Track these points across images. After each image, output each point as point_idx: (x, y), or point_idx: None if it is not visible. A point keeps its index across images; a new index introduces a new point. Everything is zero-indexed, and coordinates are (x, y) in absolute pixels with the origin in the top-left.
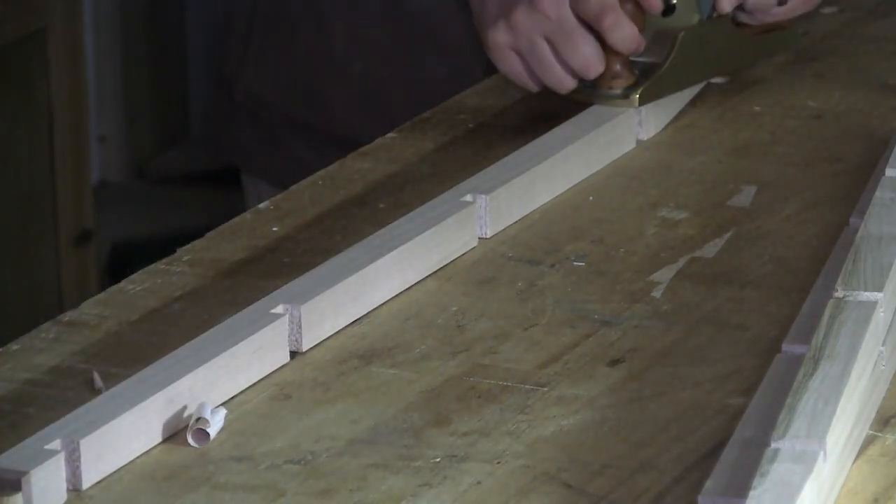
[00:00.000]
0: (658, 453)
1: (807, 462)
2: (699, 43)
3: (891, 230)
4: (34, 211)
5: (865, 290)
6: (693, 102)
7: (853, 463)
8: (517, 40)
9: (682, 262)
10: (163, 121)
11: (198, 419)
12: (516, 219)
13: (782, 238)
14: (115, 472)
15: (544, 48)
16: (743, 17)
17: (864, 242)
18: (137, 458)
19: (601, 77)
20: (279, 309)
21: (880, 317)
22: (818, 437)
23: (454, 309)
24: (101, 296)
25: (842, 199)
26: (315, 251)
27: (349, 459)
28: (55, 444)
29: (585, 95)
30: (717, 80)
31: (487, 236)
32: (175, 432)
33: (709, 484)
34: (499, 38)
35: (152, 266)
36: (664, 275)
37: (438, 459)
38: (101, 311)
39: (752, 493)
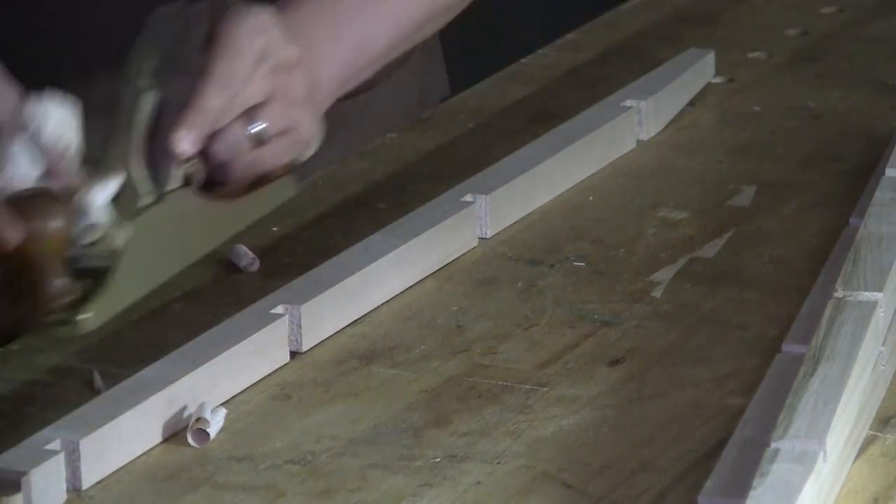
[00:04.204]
0: (658, 453)
1: (807, 462)
2: (157, 227)
3: (891, 230)
4: None
5: (865, 290)
6: (693, 102)
7: (853, 463)
8: None
9: (682, 262)
10: None
11: (198, 419)
12: (516, 219)
13: (782, 238)
14: (114, 472)
15: None
16: (220, 175)
17: (864, 242)
18: (137, 458)
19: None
20: (279, 309)
21: (880, 317)
22: (818, 437)
23: (454, 309)
24: None
25: (842, 199)
26: (315, 251)
27: (349, 459)
28: (55, 445)
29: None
30: (717, 79)
31: (487, 236)
32: (175, 432)
33: (709, 484)
34: None
35: None
36: (664, 275)
37: (438, 459)
38: None
39: (752, 493)
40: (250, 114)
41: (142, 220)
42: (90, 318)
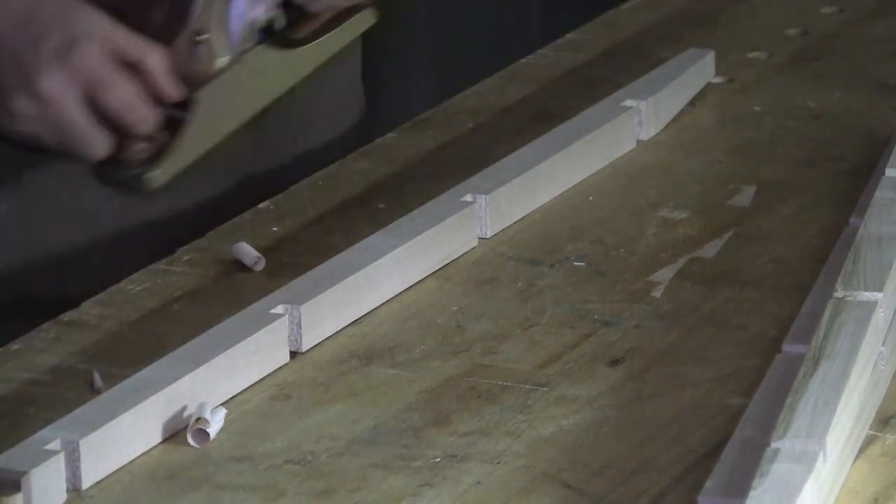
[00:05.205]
0: (658, 453)
1: (807, 462)
2: (229, 85)
3: (891, 230)
4: None
5: (865, 290)
6: (693, 102)
7: (853, 463)
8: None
9: (682, 262)
10: None
11: (198, 419)
12: (516, 219)
13: (782, 238)
14: (114, 472)
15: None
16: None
17: (864, 242)
18: (137, 458)
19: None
20: (279, 309)
21: (880, 317)
22: (818, 437)
23: (454, 309)
24: (101, 296)
25: (842, 199)
26: (315, 251)
27: (349, 459)
28: (55, 444)
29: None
30: (717, 79)
31: (487, 236)
32: (175, 432)
33: (709, 484)
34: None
35: (152, 266)
36: (664, 275)
37: (438, 459)
38: (101, 311)
39: (752, 493)
40: None
41: (211, 86)
42: (159, 175)
